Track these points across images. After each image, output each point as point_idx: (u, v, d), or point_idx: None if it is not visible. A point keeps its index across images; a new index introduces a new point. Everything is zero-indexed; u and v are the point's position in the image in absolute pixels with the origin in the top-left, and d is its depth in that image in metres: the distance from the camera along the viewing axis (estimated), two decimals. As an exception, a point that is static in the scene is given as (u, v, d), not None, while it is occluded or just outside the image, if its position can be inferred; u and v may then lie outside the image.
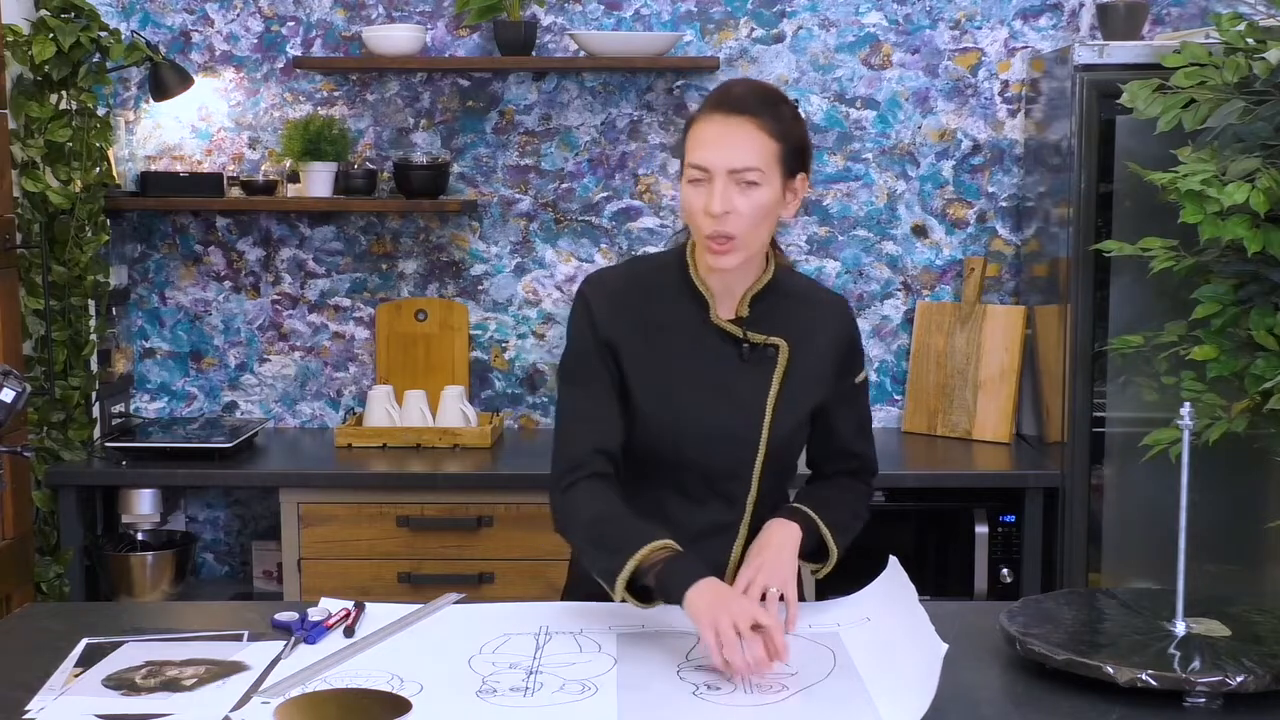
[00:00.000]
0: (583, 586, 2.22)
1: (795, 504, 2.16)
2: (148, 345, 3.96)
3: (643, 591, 1.95)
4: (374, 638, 1.98)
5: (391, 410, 3.69)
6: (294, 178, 3.79)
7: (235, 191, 3.80)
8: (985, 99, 3.83)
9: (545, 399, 3.92)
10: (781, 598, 1.98)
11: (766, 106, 2.00)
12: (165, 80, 3.70)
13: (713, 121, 2.00)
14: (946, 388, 3.79)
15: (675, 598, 1.88)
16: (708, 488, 2.12)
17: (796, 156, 2.03)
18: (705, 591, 1.86)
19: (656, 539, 1.94)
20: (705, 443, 2.08)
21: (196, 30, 3.85)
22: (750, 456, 2.10)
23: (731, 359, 2.09)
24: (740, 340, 2.09)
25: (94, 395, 3.63)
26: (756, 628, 1.81)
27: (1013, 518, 3.43)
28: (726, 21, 3.82)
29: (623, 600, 1.95)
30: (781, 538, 2.06)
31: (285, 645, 1.94)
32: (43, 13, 3.47)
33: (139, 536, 3.68)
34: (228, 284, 3.93)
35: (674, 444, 2.08)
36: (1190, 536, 1.89)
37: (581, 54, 3.69)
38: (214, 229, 3.92)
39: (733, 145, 1.98)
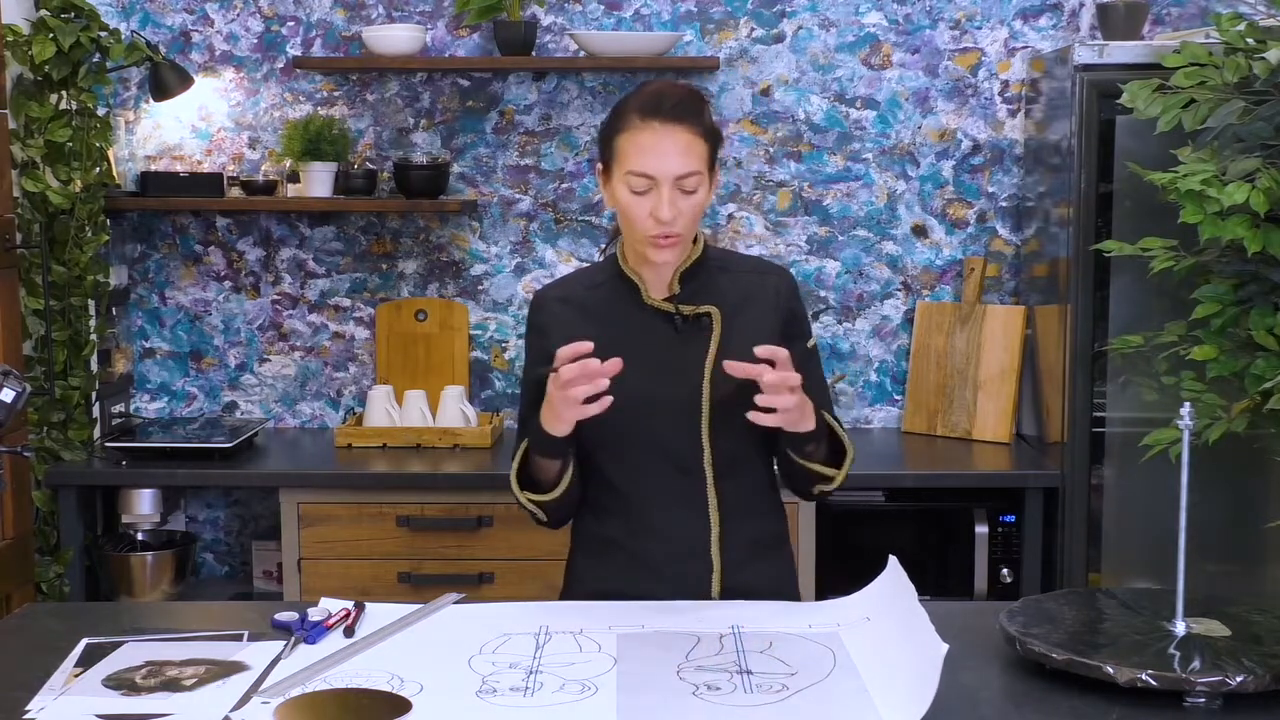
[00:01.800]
0: (580, 586, 2.25)
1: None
2: (148, 345, 3.96)
3: (540, 485, 2.19)
4: (374, 638, 1.98)
5: (391, 410, 3.69)
6: (294, 178, 3.79)
7: (235, 191, 3.80)
8: (985, 99, 3.83)
9: (545, 399, 3.92)
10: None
11: (696, 113, 2.12)
12: (165, 80, 3.70)
13: (651, 130, 2.09)
14: (946, 388, 3.79)
15: (539, 430, 2.11)
16: (663, 461, 2.17)
17: (716, 151, 2.17)
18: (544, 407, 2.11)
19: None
20: (651, 414, 2.15)
21: (196, 30, 3.86)
22: (696, 420, 2.16)
23: (668, 334, 2.18)
24: (673, 314, 2.18)
25: (94, 395, 3.63)
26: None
27: (1013, 518, 3.43)
28: (726, 21, 3.82)
29: (530, 501, 2.21)
30: None
31: (285, 645, 1.94)
32: (43, 13, 3.47)
33: (139, 536, 3.68)
34: (228, 284, 3.93)
35: (622, 421, 2.13)
36: (1190, 536, 1.88)
37: (581, 54, 3.69)
38: (214, 229, 3.92)
39: (676, 153, 2.09)
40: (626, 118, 2.11)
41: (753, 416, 2.02)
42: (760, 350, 2.03)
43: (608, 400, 2.03)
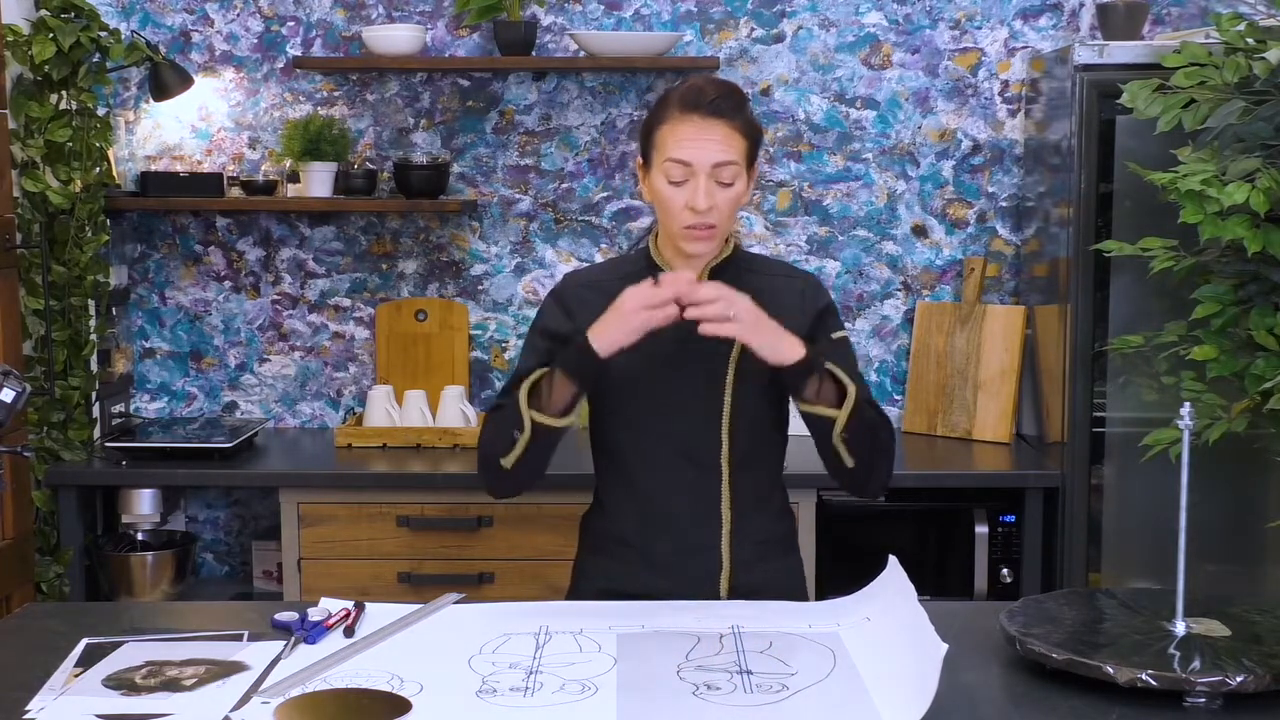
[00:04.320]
0: (588, 583, 2.25)
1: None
2: (148, 345, 3.96)
3: (552, 408, 2.13)
4: (374, 638, 1.98)
5: (391, 410, 3.69)
6: (294, 178, 3.79)
7: (235, 191, 3.80)
8: (985, 99, 3.83)
9: (545, 399, 3.91)
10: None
11: (738, 109, 2.15)
12: (165, 80, 3.70)
13: (690, 122, 2.12)
14: (946, 388, 3.79)
15: (581, 347, 2.07)
16: (680, 454, 2.18)
17: (757, 148, 2.21)
18: (598, 321, 2.08)
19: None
20: (672, 407, 2.15)
21: (196, 30, 3.86)
22: (716, 415, 2.17)
23: (693, 326, 2.15)
24: None
25: (94, 395, 3.63)
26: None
27: (1013, 518, 3.43)
28: (726, 21, 3.82)
29: (531, 422, 2.11)
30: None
31: (285, 645, 1.94)
32: (43, 13, 3.47)
33: (139, 536, 3.68)
34: (228, 284, 3.93)
35: (644, 413, 2.15)
36: (1190, 536, 1.89)
37: (581, 54, 3.69)
38: (214, 229, 3.92)
39: (715, 143, 2.11)
40: (668, 110, 2.14)
41: (703, 329, 2.04)
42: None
43: (674, 310, 2.04)
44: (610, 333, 2.07)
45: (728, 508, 2.20)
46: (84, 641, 1.97)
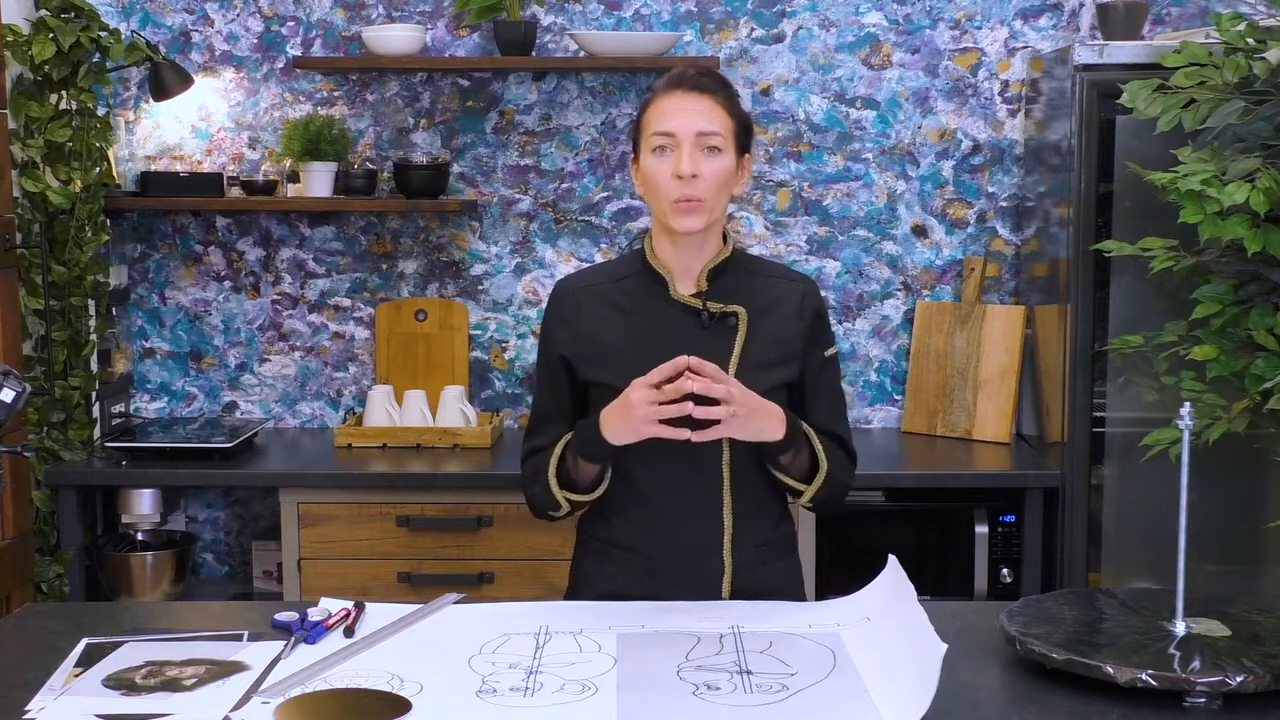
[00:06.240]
0: (589, 587, 2.25)
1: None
2: (148, 345, 3.96)
3: (576, 485, 2.18)
4: (374, 638, 1.98)
5: (391, 410, 3.69)
6: (294, 178, 3.79)
7: (235, 191, 3.80)
8: (985, 99, 3.83)
9: (545, 399, 3.91)
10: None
11: (723, 87, 2.18)
12: (165, 80, 3.70)
13: (674, 96, 2.16)
14: (946, 388, 3.79)
15: (593, 434, 2.10)
16: (681, 460, 2.16)
17: (746, 135, 2.21)
18: (609, 407, 2.09)
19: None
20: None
21: (196, 30, 3.86)
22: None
23: (693, 330, 2.18)
24: (700, 311, 2.19)
25: (94, 395, 3.63)
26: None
27: (1013, 518, 3.43)
28: (726, 21, 3.82)
29: (566, 501, 2.18)
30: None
31: (285, 645, 1.95)
32: (43, 13, 3.47)
33: (139, 536, 3.68)
34: (228, 284, 3.93)
35: None
36: (1190, 536, 1.89)
37: (581, 54, 3.69)
38: (214, 229, 3.92)
39: (698, 113, 2.14)
40: (653, 95, 2.19)
41: (695, 436, 2.05)
42: (691, 360, 2.03)
43: (686, 432, 2.04)
44: (622, 431, 2.08)
45: (729, 513, 2.19)
46: (84, 641, 1.97)
